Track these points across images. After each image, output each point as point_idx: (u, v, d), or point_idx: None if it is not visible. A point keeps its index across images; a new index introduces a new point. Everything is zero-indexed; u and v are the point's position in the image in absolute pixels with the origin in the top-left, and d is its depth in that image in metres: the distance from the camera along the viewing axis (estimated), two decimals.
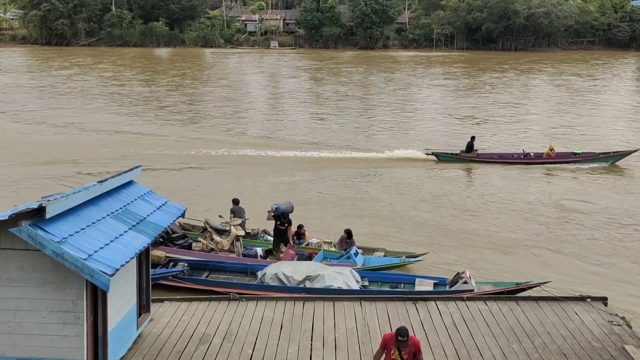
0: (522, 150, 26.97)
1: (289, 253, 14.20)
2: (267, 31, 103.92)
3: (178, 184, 22.25)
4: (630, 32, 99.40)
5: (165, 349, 9.00)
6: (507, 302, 10.77)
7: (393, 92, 49.49)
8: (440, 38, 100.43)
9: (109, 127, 33.53)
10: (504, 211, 19.74)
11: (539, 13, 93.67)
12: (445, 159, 26.57)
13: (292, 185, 22.61)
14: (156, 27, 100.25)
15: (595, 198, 21.38)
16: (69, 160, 26.10)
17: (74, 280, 7.32)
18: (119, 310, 8.29)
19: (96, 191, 8.40)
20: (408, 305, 10.57)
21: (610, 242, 17.07)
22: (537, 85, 56.01)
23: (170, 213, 9.76)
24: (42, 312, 7.42)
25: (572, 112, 40.89)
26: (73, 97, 44.73)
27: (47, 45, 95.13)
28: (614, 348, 9.13)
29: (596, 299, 10.81)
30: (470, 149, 26.60)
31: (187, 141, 30.12)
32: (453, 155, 26.69)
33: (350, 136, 32.33)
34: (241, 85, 54.94)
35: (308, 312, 10.29)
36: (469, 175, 25.25)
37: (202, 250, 14.74)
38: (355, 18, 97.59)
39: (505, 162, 26.16)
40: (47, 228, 7.08)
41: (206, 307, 10.43)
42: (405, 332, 7.29)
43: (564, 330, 9.71)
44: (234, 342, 9.27)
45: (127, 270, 8.38)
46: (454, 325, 9.86)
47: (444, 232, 17.62)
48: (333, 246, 15.08)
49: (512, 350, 9.06)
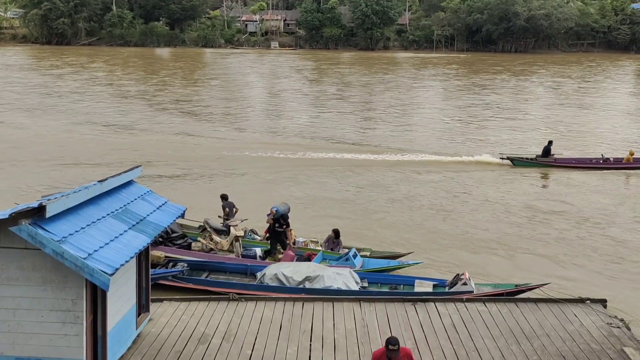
0: (601, 155, 26.10)
1: (289, 254, 14.21)
2: (268, 31, 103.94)
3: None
4: (630, 35, 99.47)
5: (164, 348, 9.00)
6: (506, 303, 10.77)
7: (458, 98, 48.49)
8: (441, 39, 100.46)
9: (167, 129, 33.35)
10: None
11: (540, 15, 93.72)
12: (521, 163, 25.88)
13: (408, 198, 21.42)
14: (157, 27, 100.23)
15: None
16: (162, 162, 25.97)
17: (73, 279, 7.32)
18: (118, 310, 8.29)
19: (96, 190, 8.40)
20: (407, 306, 10.57)
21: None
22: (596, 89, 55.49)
23: (170, 213, 9.76)
24: (42, 311, 7.42)
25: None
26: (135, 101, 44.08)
27: (48, 45, 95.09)
28: (613, 350, 9.14)
29: (595, 301, 10.82)
30: (547, 154, 25.76)
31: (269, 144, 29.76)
32: (529, 160, 25.96)
33: (417, 139, 32.01)
34: (279, 88, 53.65)
35: (307, 312, 10.29)
36: (552, 181, 24.46)
37: (201, 250, 14.74)
38: (356, 19, 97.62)
39: (584, 167, 25.28)
40: (47, 227, 7.08)
41: (205, 307, 10.44)
42: (396, 341, 7.31)
43: (563, 332, 9.71)
44: (233, 342, 9.27)
45: (127, 269, 8.39)
46: (453, 327, 9.86)
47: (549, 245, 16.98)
48: (319, 245, 15.20)
49: (511, 352, 9.07)
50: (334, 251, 14.78)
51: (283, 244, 14.66)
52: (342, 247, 15.00)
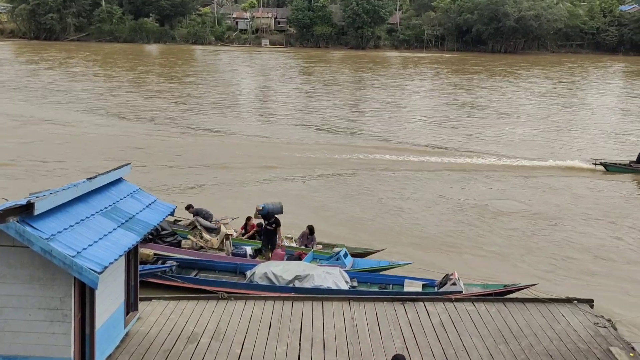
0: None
1: (278, 253, 14.20)
2: (258, 29, 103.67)
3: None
4: (618, 37, 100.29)
5: (153, 347, 8.96)
6: (494, 303, 10.83)
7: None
8: (431, 39, 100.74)
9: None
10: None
11: (529, 16, 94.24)
12: (615, 169, 25.19)
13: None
14: (146, 23, 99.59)
15: None
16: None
17: (62, 277, 7.26)
18: (106, 308, 8.24)
19: (85, 188, 8.34)
20: (397, 305, 10.59)
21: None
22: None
23: (160, 211, 9.71)
24: (29, 309, 7.35)
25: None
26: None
27: (36, 40, 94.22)
28: (600, 350, 9.22)
29: (582, 301, 10.90)
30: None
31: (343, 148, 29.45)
32: (623, 166, 25.23)
33: (503, 144, 31.69)
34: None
35: (297, 311, 10.28)
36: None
37: (191, 248, 14.69)
38: (347, 18, 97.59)
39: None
40: (36, 225, 7.01)
41: (194, 305, 10.39)
42: (403, 359, 7.26)
43: (550, 332, 9.78)
44: (222, 341, 9.24)
45: (116, 268, 8.34)
46: (442, 326, 9.90)
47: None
48: (294, 241, 15.24)
49: (499, 352, 9.12)
50: (308, 247, 14.83)
51: (273, 243, 14.64)
52: (316, 244, 15.11)
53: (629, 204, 21.76)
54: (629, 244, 17.59)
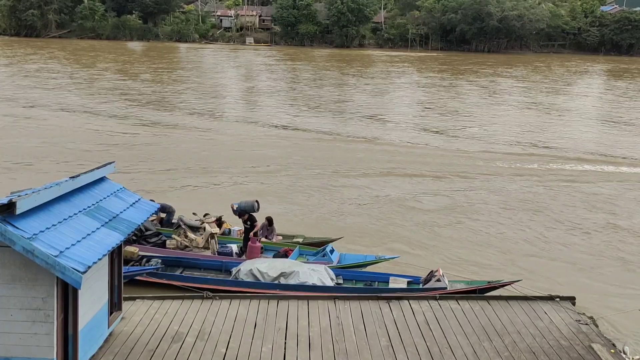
0: None
1: (254, 247, 13.94)
2: (243, 27, 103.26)
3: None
4: (599, 37, 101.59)
5: (137, 347, 8.89)
6: (478, 301, 10.92)
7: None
8: (415, 38, 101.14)
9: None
10: None
11: (512, 16, 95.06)
12: None
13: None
14: (129, 21, 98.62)
15: None
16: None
17: (44, 277, 7.17)
18: (90, 308, 8.16)
19: (68, 187, 8.25)
20: (382, 304, 10.64)
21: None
22: None
23: (144, 210, 9.63)
24: (11, 309, 7.25)
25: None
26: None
27: (17, 37, 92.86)
28: (581, 346, 9.35)
29: (565, 299, 11.04)
30: None
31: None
32: None
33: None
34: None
35: (282, 310, 10.28)
36: None
37: (176, 248, 14.60)
38: (331, 16, 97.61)
39: None
40: (17, 224, 6.92)
41: (179, 305, 10.34)
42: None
43: (533, 329, 9.89)
44: (207, 340, 9.20)
45: (99, 267, 8.26)
46: (426, 324, 9.96)
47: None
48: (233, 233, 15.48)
49: (483, 349, 9.21)
50: (269, 239, 14.83)
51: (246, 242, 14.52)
52: (277, 235, 15.16)
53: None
54: (614, 243, 17.70)
